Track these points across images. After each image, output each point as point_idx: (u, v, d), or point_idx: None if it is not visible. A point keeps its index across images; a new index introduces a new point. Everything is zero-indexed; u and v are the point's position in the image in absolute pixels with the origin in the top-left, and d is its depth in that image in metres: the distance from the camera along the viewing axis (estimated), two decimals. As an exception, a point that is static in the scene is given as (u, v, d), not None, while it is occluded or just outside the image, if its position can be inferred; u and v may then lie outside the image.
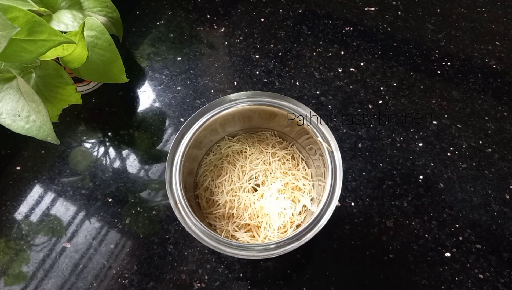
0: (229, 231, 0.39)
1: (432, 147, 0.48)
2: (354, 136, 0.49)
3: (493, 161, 0.47)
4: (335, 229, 0.43)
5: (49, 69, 0.37)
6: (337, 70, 0.54)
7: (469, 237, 0.43)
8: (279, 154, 0.42)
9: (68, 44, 0.33)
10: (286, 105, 0.38)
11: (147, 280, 0.40)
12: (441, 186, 0.46)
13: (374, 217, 0.44)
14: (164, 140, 0.49)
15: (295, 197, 0.40)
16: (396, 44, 0.57)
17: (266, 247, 0.32)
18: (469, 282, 0.40)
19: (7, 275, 0.41)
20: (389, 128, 0.50)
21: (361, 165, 0.47)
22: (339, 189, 0.34)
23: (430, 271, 0.41)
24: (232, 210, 0.39)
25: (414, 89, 0.53)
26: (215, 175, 0.42)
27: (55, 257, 0.42)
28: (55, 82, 0.37)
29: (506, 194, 0.45)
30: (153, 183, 0.46)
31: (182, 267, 0.41)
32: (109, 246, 0.42)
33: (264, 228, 0.38)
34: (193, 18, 0.60)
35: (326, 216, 0.33)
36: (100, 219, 0.44)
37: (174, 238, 0.43)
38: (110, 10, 0.44)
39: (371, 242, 0.42)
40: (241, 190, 0.40)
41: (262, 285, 0.40)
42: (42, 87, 0.37)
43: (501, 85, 0.53)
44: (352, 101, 0.52)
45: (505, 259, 0.41)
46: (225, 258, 0.42)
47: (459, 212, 0.44)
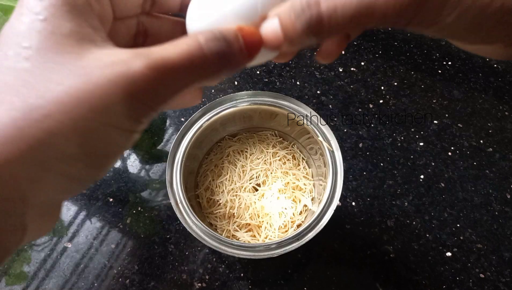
0: (230, 230, 0.39)
1: (433, 146, 0.48)
2: (354, 136, 0.49)
3: (494, 161, 0.47)
4: (336, 229, 0.43)
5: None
6: (337, 69, 0.54)
7: (470, 237, 0.43)
8: (280, 153, 0.42)
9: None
10: (287, 104, 0.38)
11: (148, 280, 0.40)
12: (442, 185, 0.46)
13: (375, 217, 0.44)
14: (165, 140, 0.49)
15: (295, 197, 0.40)
16: (397, 44, 0.57)
17: (267, 247, 0.32)
18: (470, 282, 0.40)
19: (9, 275, 0.41)
20: (389, 127, 0.50)
21: (362, 164, 0.47)
22: (340, 188, 0.34)
23: (431, 271, 0.41)
24: (233, 209, 0.39)
25: (415, 89, 0.53)
26: (216, 175, 0.42)
27: (56, 257, 0.42)
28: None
29: (507, 193, 0.45)
30: (154, 183, 0.46)
31: (183, 266, 0.41)
32: (110, 246, 0.42)
33: (265, 228, 0.38)
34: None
35: (327, 216, 0.33)
36: (101, 219, 0.44)
37: (175, 238, 0.43)
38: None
39: (372, 241, 0.42)
40: (242, 189, 0.40)
41: (263, 285, 0.40)
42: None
43: (502, 84, 0.53)
44: (352, 101, 0.52)
45: (506, 258, 0.41)
46: (226, 257, 0.42)
47: (460, 211, 0.44)
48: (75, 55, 0.13)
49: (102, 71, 0.13)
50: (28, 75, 0.12)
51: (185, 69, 0.14)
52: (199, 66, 0.14)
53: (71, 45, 0.13)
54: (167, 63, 0.13)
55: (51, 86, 0.12)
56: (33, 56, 0.13)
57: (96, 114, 0.12)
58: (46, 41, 0.13)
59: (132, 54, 0.13)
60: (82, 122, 0.12)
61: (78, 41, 0.13)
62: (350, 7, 0.14)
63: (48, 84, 0.12)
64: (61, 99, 0.12)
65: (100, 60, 0.13)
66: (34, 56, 0.13)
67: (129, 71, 0.13)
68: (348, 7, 0.14)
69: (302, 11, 0.14)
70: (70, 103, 0.12)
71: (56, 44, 0.13)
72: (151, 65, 0.13)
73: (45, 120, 0.12)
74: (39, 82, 0.12)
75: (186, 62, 0.14)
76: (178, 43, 0.14)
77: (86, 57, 0.13)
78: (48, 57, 0.13)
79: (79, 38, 0.13)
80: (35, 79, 0.12)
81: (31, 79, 0.12)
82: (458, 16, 0.13)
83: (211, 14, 0.16)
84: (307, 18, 0.14)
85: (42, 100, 0.12)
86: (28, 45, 0.13)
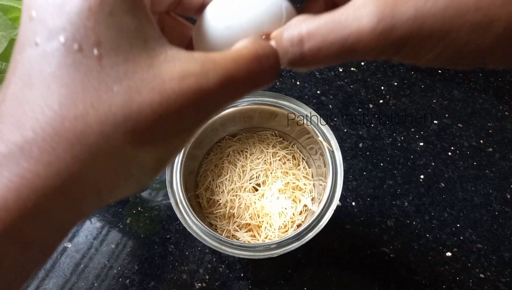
0: (230, 230, 0.39)
1: (433, 146, 0.48)
2: (354, 136, 0.49)
3: (494, 161, 0.47)
4: (336, 229, 0.43)
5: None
6: (337, 69, 0.54)
7: (470, 237, 0.43)
8: (280, 153, 0.42)
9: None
10: (287, 104, 0.38)
11: (148, 280, 0.40)
12: (442, 185, 0.46)
13: (375, 217, 0.44)
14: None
15: (295, 197, 0.40)
16: (397, 44, 0.57)
17: (267, 247, 0.32)
18: (470, 282, 0.40)
19: (8, 275, 0.41)
20: (390, 127, 0.50)
21: (362, 164, 0.47)
22: (340, 188, 0.34)
23: (431, 271, 0.41)
24: (233, 209, 0.39)
25: (415, 89, 0.53)
26: (216, 175, 0.42)
27: (56, 257, 0.42)
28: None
29: (507, 193, 0.45)
30: (154, 182, 0.46)
31: (183, 266, 0.41)
32: (110, 246, 0.42)
33: (265, 228, 0.38)
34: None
35: (327, 216, 0.33)
36: (101, 219, 0.44)
37: (175, 238, 0.43)
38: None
39: (372, 241, 0.42)
40: (242, 189, 0.40)
41: (263, 285, 0.40)
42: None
43: (502, 84, 0.53)
44: (352, 101, 0.52)
45: (506, 258, 0.41)
46: (226, 257, 0.42)
47: (460, 211, 0.44)
48: (146, 60, 0.12)
49: (177, 85, 0.12)
50: (103, 78, 0.12)
51: (244, 80, 0.14)
52: (255, 79, 0.14)
53: (139, 46, 0.12)
54: (232, 76, 0.13)
55: (131, 95, 0.12)
56: (105, 56, 0.12)
57: (173, 130, 0.13)
58: (117, 40, 0.12)
59: (201, 65, 0.13)
60: (161, 137, 0.12)
61: (144, 41, 0.13)
62: (332, 49, 0.14)
63: (128, 93, 0.12)
64: (145, 115, 0.12)
65: (172, 70, 0.12)
66: (106, 56, 0.12)
67: (201, 87, 0.12)
68: (330, 49, 0.14)
69: (285, 53, 0.15)
70: (152, 119, 0.12)
71: (125, 44, 0.12)
72: (221, 80, 0.13)
73: (133, 136, 0.12)
74: (117, 88, 0.12)
75: (246, 74, 0.14)
76: (237, 54, 0.14)
77: (157, 64, 0.12)
78: (121, 59, 0.12)
79: (144, 37, 0.13)
80: (110, 84, 0.12)
81: (106, 83, 0.12)
82: (437, 56, 0.14)
83: (231, 24, 0.17)
84: (290, 57, 0.15)
85: (126, 111, 0.11)
86: (96, 40, 0.12)
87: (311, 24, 0.14)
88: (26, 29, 0.12)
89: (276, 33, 0.16)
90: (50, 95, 0.11)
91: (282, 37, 0.15)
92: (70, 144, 0.11)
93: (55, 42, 0.11)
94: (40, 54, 0.12)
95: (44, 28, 0.12)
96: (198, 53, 0.13)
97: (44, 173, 0.11)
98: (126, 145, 0.12)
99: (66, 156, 0.11)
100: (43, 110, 0.11)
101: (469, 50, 0.13)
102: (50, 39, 0.12)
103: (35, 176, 0.11)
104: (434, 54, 0.14)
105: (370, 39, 0.13)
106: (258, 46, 0.14)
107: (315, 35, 0.14)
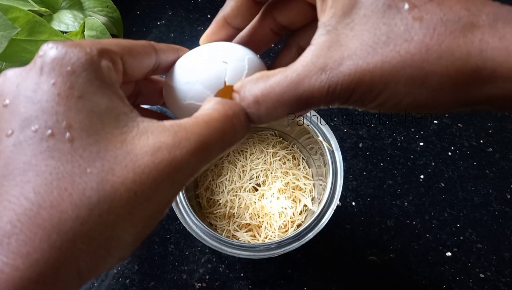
0: (230, 230, 0.39)
1: (433, 146, 0.48)
2: (354, 136, 0.49)
3: (494, 161, 0.47)
4: (336, 229, 0.43)
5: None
6: (337, 69, 0.54)
7: (470, 237, 0.43)
8: (280, 153, 0.42)
9: (69, 44, 0.33)
10: (287, 104, 0.38)
11: (148, 280, 0.40)
12: (442, 185, 0.46)
13: (375, 217, 0.44)
14: (165, 140, 0.49)
15: (296, 197, 0.40)
16: (397, 44, 0.57)
17: (267, 247, 0.32)
18: (470, 282, 0.40)
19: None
20: (390, 127, 0.50)
21: (362, 164, 0.47)
22: (340, 188, 0.34)
23: (431, 271, 0.41)
24: (232, 209, 0.39)
25: (415, 89, 0.53)
26: (216, 175, 0.42)
27: (56, 256, 0.42)
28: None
29: (507, 193, 0.45)
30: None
31: (183, 266, 0.41)
32: (110, 245, 0.42)
33: (265, 228, 0.38)
34: (193, 18, 0.60)
35: (327, 216, 0.33)
36: (101, 219, 0.44)
37: (175, 237, 0.43)
38: (110, 10, 0.44)
39: (372, 241, 0.42)
40: (242, 189, 0.40)
41: (263, 285, 0.40)
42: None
43: (502, 84, 0.53)
44: (352, 101, 0.52)
45: (506, 258, 0.41)
46: (226, 257, 0.42)
47: (460, 211, 0.44)
48: (118, 137, 0.13)
49: (150, 159, 0.12)
50: (76, 160, 0.12)
51: (217, 142, 0.14)
52: (228, 140, 0.15)
53: (111, 124, 0.13)
54: (205, 141, 0.14)
55: (104, 176, 0.12)
56: (77, 138, 0.12)
57: (149, 204, 0.13)
58: (89, 121, 0.12)
59: (173, 135, 0.13)
60: (138, 215, 0.13)
61: (116, 118, 0.13)
62: (288, 106, 0.16)
63: (101, 174, 0.12)
64: (119, 194, 0.12)
65: (144, 144, 0.13)
66: (78, 138, 0.12)
67: (175, 157, 0.13)
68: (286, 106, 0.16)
69: (236, 115, 0.16)
70: (127, 197, 0.12)
71: (97, 124, 0.12)
72: (195, 148, 0.13)
73: (108, 217, 0.12)
74: (90, 169, 0.12)
75: (219, 136, 0.14)
76: (208, 117, 0.14)
77: (130, 139, 0.13)
78: (93, 139, 0.12)
79: (116, 114, 0.13)
80: (84, 166, 0.12)
81: (79, 166, 0.12)
82: (382, 104, 0.15)
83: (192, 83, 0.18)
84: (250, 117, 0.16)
85: (101, 193, 0.12)
86: (67, 124, 0.12)
87: (266, 84, 0.15)
88: (0, 117, 0.12)
89: (237, 87, 0.17)
90: (26, 184, 0.11)
91: (241, 95, 0.16)
92: (47, 233, 0.11)
93: (28, 131, 0.12)
94: (15, 143, 0.12)
95: (17, 117, 0.12)
96: (169, 122, 0.14)
97: (22, 266, 0.11)
98: (102, 226, 0.12)
99: (43, 246, 0.11)
100: (20, 201, 0.11)
101: (408, 102, 0.15)
102: (23, 128, 0.12)
103: (14, 269, 0.11)
104: (379, 102, 0.15)
105: (320, 93, 0.15)
106: (228, 107, 0.15)
107: (270, 96, 0.15)
